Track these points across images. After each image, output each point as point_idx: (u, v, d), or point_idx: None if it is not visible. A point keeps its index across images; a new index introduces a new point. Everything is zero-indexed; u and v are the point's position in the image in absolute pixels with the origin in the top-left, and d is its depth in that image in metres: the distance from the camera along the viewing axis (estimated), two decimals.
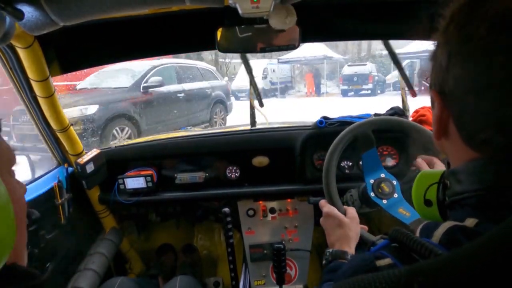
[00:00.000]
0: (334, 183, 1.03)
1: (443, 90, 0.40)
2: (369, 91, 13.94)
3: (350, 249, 0.82)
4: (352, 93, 14.20)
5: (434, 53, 0.44)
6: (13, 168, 0.46)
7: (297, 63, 16.43)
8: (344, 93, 14.33)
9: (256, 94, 1.55)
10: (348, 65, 14.94)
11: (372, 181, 1.04)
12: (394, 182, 1.04)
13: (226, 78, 8.70)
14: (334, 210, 0.92)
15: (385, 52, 1.46)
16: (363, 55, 18.99)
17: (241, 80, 14.04)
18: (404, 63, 13.43)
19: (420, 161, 0.92)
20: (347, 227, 0.87)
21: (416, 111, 1.38)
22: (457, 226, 0.36)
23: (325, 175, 1.04)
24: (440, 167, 0.89)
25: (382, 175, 1.05)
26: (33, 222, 0.92)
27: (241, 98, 13.86)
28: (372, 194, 1.02)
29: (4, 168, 0.43)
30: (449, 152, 0.45)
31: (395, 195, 1.02)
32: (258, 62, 14.79)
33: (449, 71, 0.39)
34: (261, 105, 1.58)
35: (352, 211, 0.93)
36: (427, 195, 0.49)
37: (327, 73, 16.37)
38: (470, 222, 0.36)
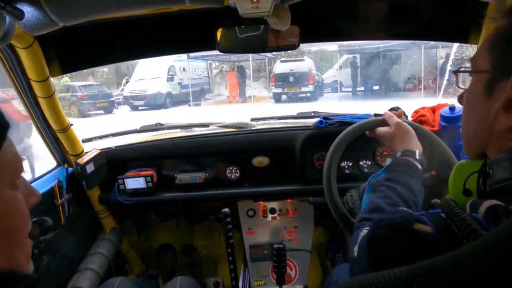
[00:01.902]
0: (337, 195, 1.02)
1: None
2: (309, 95, 11.21)
3: (420, 149, 0.87)
4: (285, 96, 11.41)
5: (509, 32, 0.44)
6: (18, 179, 0.43)
7: (214, 59, 12.87)
8: (277, 98, 11.41)
9: None
10: (281, 61, 11.64)
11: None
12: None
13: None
14: (401, 120, 0.94)
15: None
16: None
17: (137, 83, 11.35)
18: (342, 59, 12.24)
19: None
20: (415, 139, 0.90)
21: (416, 111, 1.38)
22: (501, 206, 0.36)
23: (327, 191, 1.03)
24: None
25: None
26: (46, 230, 0.91)
27: (140, 108, 11.34)
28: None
29: (5, 179, 0.40)
30: (503, 143, 0.44)
31: None
32: (162, 59, 11.33)
33: None
34: None
35: (405, 123, 0.94)
36: (467, 184, 0.49)
37: (253, 71, 13.30)
38: None
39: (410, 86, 12.09)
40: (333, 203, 1.00)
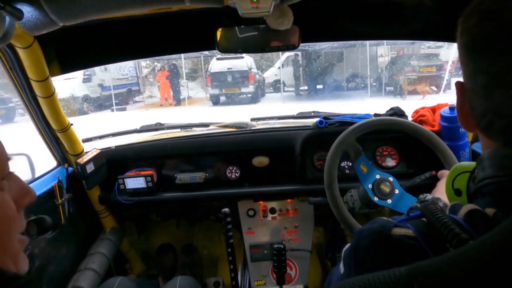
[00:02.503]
0: (339, 197, 1.04)
1: (463, 80, 0.42)
2: (250, 96, 10.15)
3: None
4: (224, 98, 10.33)
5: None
6: (2, 179, 0.41)
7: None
8: (215, 100, 10.29)
9: None
10: (218, 59, 10.19)
11: (370, 185, 1.04)
12: (391, 179, 1.04)
13: None
14: None
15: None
16: None
17: None
18: (284, 57, 11.35)
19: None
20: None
21: (416, 111, 1.38)
22: (478, 211, 0.36)
23: (328, 192, 1.04)
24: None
25: (378, 176, 1.05)
26: (45, 229, 0.91)
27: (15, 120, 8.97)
28: (376, 199, 1.02)
29: None
30: (482, 142, 0.45)
31: (396, 191, 1.02)
32: None
33: (463, 62, 0.42)
34: None
35: None
36: (455, 184, 0.49)
37: (188, 71, 12.06)
38: (489, 211, 0.36)
39: (353, 85, 11.71)
40: (347, 225, 1.00)
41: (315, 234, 1.51)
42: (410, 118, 1.35)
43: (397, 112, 1.32)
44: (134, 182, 1.37)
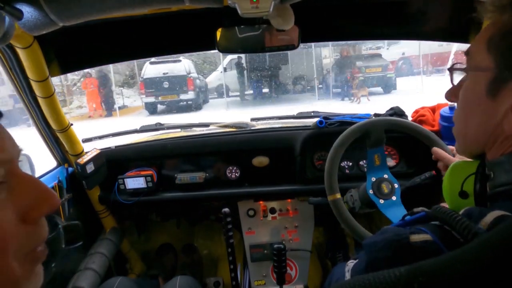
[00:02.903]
0: (337, 168, 1.05)
1: None
2: (191, 103, 9.31)
3: None
4: (163, 106, 9.46)
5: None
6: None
7: None
8: (151, 109, 9.27)
9: None
10: (151, 63, 9.17)
11: (373, 179, 1.05)
12: (396, 185, 1.05)
13: None
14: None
15: None
16: None
17: None
18: (227, 61, 10.64)
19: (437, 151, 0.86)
20: None
21: (416, 111, 1.38)
22: (508, 216, 0.34)
23: (329, 161, 1.05)
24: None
25: (385, 176, 1.05)
26: (78, 238, 0.84)
27: None
28: (370, 192, 1.03)
29: None
30: (501, 145, 0.43)
31: (393, 198, 1.03)
32: None
33: None
34: None
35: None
36: (464, 186, 0.47)
37: (124, 77, 10.77)
38: None
39: (300, 88, 11.22)
40: (331, 186, 1.02)
41: (315, 234, 1.51)
42: (410, 118, 1.35)
43: (397, 112, 1.32)
44: (134, 182, 1.37)
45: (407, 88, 9.51)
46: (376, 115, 1.34)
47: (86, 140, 1.43)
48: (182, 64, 9.21)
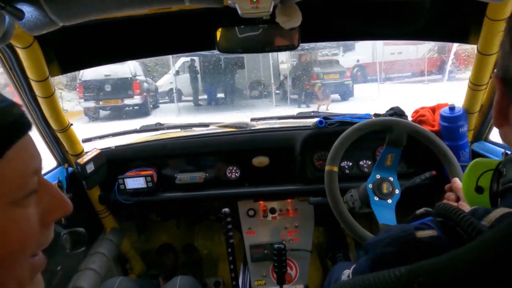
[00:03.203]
0: (344, 149, 1.07)
1: (505, 76, 0.40)
2: (137, 108, 8.46)
3: None
4: (106, 112, 8.54)
5: (502, 41, 0.43)
6: (24, 194, 0.33)
7: None
8: (92, 114, 8.46)
9: None
10: None
11: (378, 176, 1.05)
12: (397, 191, 1.05)
13: None
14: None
15: None
16: None
17: None
18: (179, 63, 10.06)
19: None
20: None
21: (416, 111, 1.38)
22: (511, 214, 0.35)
23: (341, 139, 1.06)
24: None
25: (391, 178, 1.06)
26: (81, 242, 0.86)
27: None
28: (370, 186, 1.03)
29: (4, 198, 0.32)
30: (510, 140, 0.44)
31: (389, 201, 1.03)
32: None
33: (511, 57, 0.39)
34: None
35: None
36: (480, 181, 0.48)
37: (67, 78, 9.22)
38: None
39: (256, 93, 10.51)
40: (333, 160, 1.02)
41: (315, 234, 1.51)
42: (410, 118, 1.35)
43: (397, 112, 1.32)
44: (134, 182, 1.37)
45: (364, 95, 9.40)
46: (376, 115, 1.34)
47: (86, 140, 1.43)
48: (127, 66, 8.22)
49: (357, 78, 10.94)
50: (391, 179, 1.05)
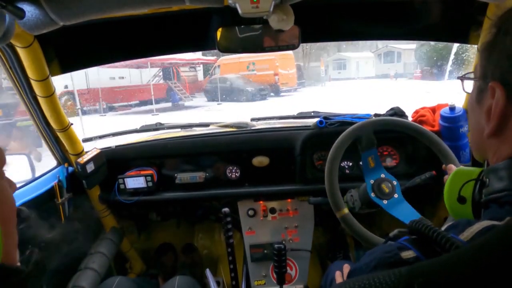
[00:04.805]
0: (337, 183, 1.04)
1: (508, 80, 0.38)
2: None
3: None
4: None
5: (492, 42, 0.41)
6: (4, 168, 0.46)
7: None
8: None
9: None
10: None
11: (372, 181, 1.05)
12: (395, 183, 1.05)
13: None
14: None
15: None
16: None
17: None
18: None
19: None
20: None
21: (416, 111, 1.38)
22: (495, 227, 0.34)
23: (327, 176, 1.05)
24: None
25: (382, 175, 1.06)
26: (22, 220, 0.91)
27: None
28: (372, 195, 1.03)
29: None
30: (494, 150, 0.42)
31: (395, 195, 1.03)
32: None
33: None
34: None
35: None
36: (462, 191, 0.48)
37: None
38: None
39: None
40: (336, 203, 1.01)
41: (315, 234, 1.51)
42: (410, 118, 1.35)
43: (397, 112, 1.32)
44: (134, 181, 1.37)
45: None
46: (376, 115, 1.34)
47: (86, 140, 1.43)
48: None
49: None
50: (383, 175, 1.06)
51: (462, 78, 0.51)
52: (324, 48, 24.97)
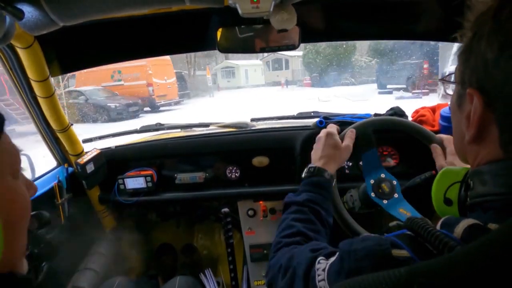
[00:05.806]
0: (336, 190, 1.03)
1: (485, 87, 0.37)
2: None
3: (332, 171, 0.89)
4: None
5: (468, 47, 0.40)
6: (19, 168, 0.43)
7: None
8: None
9: None
10: None
11: (372, 181, 1.05)
12: (394, 182, 1.05)
13: None
14: (335, 132, 0.95)
15: None
16: None
17: None
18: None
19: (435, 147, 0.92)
20: (339, 151, 0.92)
21: (416, 111, 1.38)
22: (479, 226, 0.34)
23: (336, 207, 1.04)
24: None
25: (382, 175, 1.06)
26: (43, 224, 0.91)
27: None
28: (372, 195, 1.03)
29: (7, 168, 0.40)
30: (474, 156, 0.42)
31: (395, 195, 1.03)
32: None
33: (499, 65, 0.34)
34: None
35: (348, 142, 0.96)
36: (448, 193, 0.47)
37: None
38: (492, 227, 0.34)
39: None
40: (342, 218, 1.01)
41: None
42: (410, 118, 1.35)
43: (397, 112, 1.32)
44: (134, 182, 1.37)
45: None
46: (376, 115, 1.34)
47: (86, 140, 1.43)
48: None
49: None
50: (383, 175, 1.06)
51: (443, 81, 0.51)
52: (212, 55, 23.40)
